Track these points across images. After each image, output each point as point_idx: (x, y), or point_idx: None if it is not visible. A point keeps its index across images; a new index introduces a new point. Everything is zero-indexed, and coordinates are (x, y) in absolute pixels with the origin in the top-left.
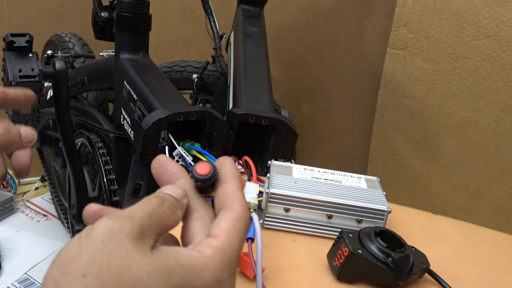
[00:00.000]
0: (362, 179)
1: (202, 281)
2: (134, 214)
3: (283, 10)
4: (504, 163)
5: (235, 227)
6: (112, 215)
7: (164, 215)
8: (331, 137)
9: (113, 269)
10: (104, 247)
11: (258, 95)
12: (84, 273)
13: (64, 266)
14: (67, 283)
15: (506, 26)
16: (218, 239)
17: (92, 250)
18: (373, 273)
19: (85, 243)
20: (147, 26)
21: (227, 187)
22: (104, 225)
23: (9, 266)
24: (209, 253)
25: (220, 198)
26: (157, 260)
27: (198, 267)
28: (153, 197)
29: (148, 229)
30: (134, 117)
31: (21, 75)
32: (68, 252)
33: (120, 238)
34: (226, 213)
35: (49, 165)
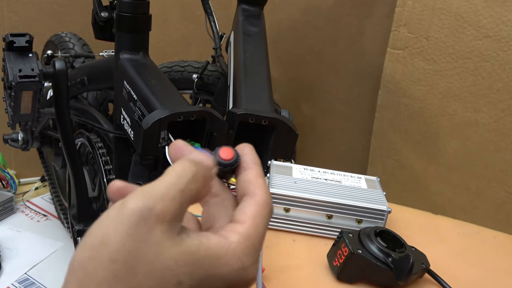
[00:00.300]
0: (362, 179)
1: (230, 268)
2: (165, 192)
3: (283, 10)
4: (504, 163)
5: (259, 213)
6: (142, 193)
7: (197, 189)
8: (331, 137)
9: (143, 257)
10: (133, 232)
11: (258, 95)
12: (113, 260)
13: (92, 249)
14: (96, 268)
15: (506, 26)
16: (243, 225)
17: (121, 236)
18: (373, 273)
19: (114, 225)
20: (147, 26)
21: (249, 173)
22: (134, 206)
23: (9, 266)
24: (236, 239)
25: (243, 185)
26: (186, 248)
27: (227, 256)
28: (188, 166)
29: (179, 209)
30: (134, 117)
31: (21, 75)
32: (96, 234)
33: (150, 223)
34: (250, 200)
35: (49, 165)
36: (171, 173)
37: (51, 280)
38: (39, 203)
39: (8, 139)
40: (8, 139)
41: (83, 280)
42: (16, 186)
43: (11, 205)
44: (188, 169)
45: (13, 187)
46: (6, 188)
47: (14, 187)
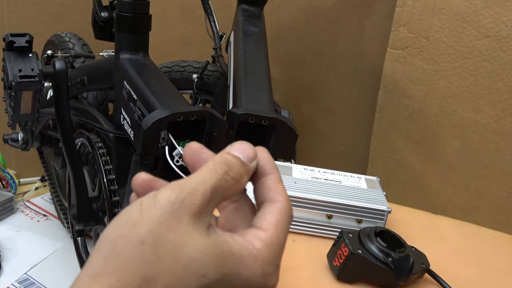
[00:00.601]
0: (362, 179)
1: (251, 273)
2: (197, 187)
3: (283, 10)
4: (504, 163)
5: (280, 220)
6: (176, 186)
7: (226, 187)
8: (331, 137)
9: (169, 244)
10: (163, 220)
11: (258, 95)
12: (142, 241)
13: (123, 229)
14: (124, 246)
15: (506, 26)
16: (266, 232)
17: (152, 221)
18: (373, 273)
19: (146, 211)
20: (147, 26)
21: (268, 179)
22: (167, 196)
23: (9, 266)
24: (259, 246)
25: (262, 191)
26: (213, 242)
27: (248, 259)
28: (219, 164)
29: (208, 204)
30: (134, 117)
31: (21, 75)
32: (130, 216)
33: (180, 213)
34: (271, 206)
35: (49, 165)
36: (205, 169)
37: (51, 280)
38: (39, 203)
39: (8, 139)
40: (8, 139)
41: (110, 256)
42: (16, 186)
43: (11, 205)
44: (219, 167)
45: (13, 187)
46: (6, 188)
47: (14, 187)
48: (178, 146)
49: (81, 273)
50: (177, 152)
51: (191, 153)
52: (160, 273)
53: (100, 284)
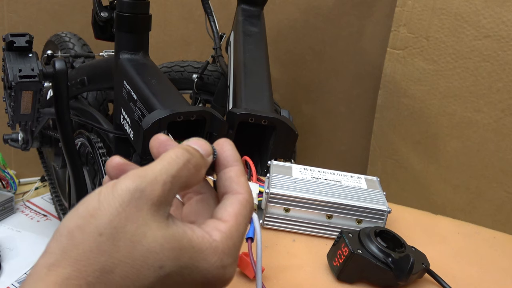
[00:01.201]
0: (362, 179)
1: (209, 265)
2: (157, 176)
3: (283, 10)
4: (504, 163)
5: (241, 212)
6: (135, 176)
7: (187, 176)
8: (331, 137)
9: (128, 235)
10: (122, 210)
11: (258, 95)
12: (100, 232)
13: (81, 219)
14: (82, 237)
15: (506, 26)
16: (226, 223)
17: (111, 212)
18: (373, 273)
19: (105, 201)
20: (147, 26)
21: (230, 171)
22: (125, 186)
23: (9, 266)
24: (218, 238)
25: (224, 183)
26: (172, 234)
27: (207, 251)
28: (181, 153)
29: (168, 194)
30: (134, 117)
31: (21, 75)
32: (88, 207)
33: (140, 203)
34: (232, 198)
35: (49, 165)
36: (165, 158)
37: None
38: (39, 203)
39: (8, 139)
40: (8, 139)
41: (67, 247)
42: (16, 186)
43: (11, 205)
44: (181, 156)
45: (13, 187)
46: (6, 188)
47: (14, 187)
48: None
49: (38, 262)
50: None
51: (158, 144)
52: (118, 264)
53: (57, 274)
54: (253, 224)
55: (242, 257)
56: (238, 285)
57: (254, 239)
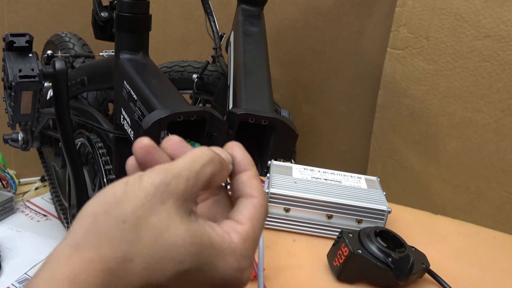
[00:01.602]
0: (362, 179)
1: (227, 266)
2: (182, 172)
3: (283, 10)
4: (504, 163)
5: (255, 215)
6: (161, 170)
7: (211, 173)
8: (331, 137)
9: (151, 227)
10: (147, 202)
11: (258, 95)
12: (124, 220)
13: (107, 205)
14: (106, 222)
15: (506, 26)
16: (243, 226)
17: (135, 202)
18: (373, 273)
19: (131, 191)
20: (147, 26)
21: (244, 175)
22: (151, 179)
23: (9, 266)
24: (236, 240)
25: (238, 186)
26: (194, 230)
27: (226, 251)
28: (204, 153)
29: (192, 190)
30: (134, 117)
31: (21, 75)
32: (115, 194)
33: (164, 196)
34: (246, 201)
35: (49, 165)
36: (190, 155)
37: None
38: (39, 203)
39: (8, 139)
40: (8, 139)
41: (90, 228)
42: (16, 186)
43: (11, 205)
44: (207, 153)
45: (13, 187)
46: (6, 188)
47: (14, 187)
48: None
49: (63, 242)
50: None
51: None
52: (139, 254)
53: (82, 256)
54: None
55: None
56: None
57: None
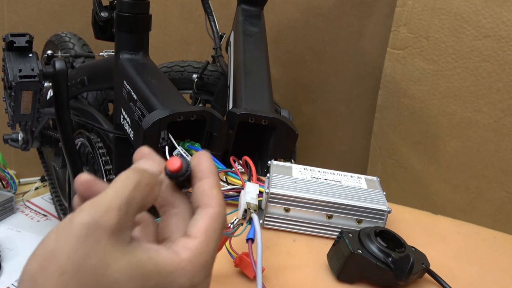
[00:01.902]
0: (362, 179)
1: (178, 286)
2: (111, 203)
3: (283, 10)
4: (504, 163)
5: (211, 226)
6: (89, 207)
7: (141, 197)
8: (331, 137)
9: (91, 269)
10: (80, 245)
11: (258, 95)
12: (62, 271)
13: (42, 261)
14: (44, 279)
15: (506, 26)
16: (195, 240)
17: (69, 249)
18: (373, 273)
19: (62, 238)
20: (147, 26)
21: (204, 184)
22: (80, 220)
23: (9, 266)
24: (186, 256)
25: (197, 196)
26: (136, 262)
27: (175, 274)
28: (130, 177)
29: (126, 218)
30: (134, 117)
31: (21, 75)
32: (46, 247)
33: (97, 236)
34: (203, 212)
35: (49, 165)
36: (115, 183)
37: None
38: (39, 203)
39: (8, 139)
40: (8, 139)
41: None
42: (16, 186)
43: (11, 205)
44: (131, 177)
45: (13, 187)
46: (6, 188)
47: (14, 187)
48: (178, 146)
49: None
50: (177, 152)
51: (84, 186)
52: None
53: None
54: (253, 225)
55: (242, 257)
56: (238, 285)
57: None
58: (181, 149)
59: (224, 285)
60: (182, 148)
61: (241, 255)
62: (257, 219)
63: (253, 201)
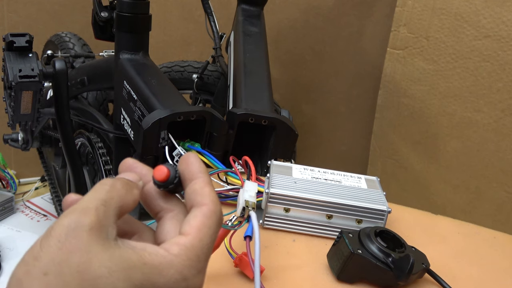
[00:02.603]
0: (362, 179)
1: (165, 280)
2: (88, 205)
3: (283, 10)
4: (504, 163)
5: (205, 223)
6: (68, 211)
7: (119, 196)
8: (331, 137)
9: (74, 266)
10: (62, 245)
11: (258, 95)
12: (45, 272)
13: (26, 265)
14: (29, 281)
15: (506, 26)
16: (187, 236)
17: (52, 250)
18: (373, 273)
19: (45, 243)
20: (147, 26)
21: (195, 184)
22: (60, 223)
23: (9, 266)
24: (176, 251)
25: (190, 196)
26: (119, 255)
27: (162, 266)
28: (105, 182)
29: (106, 216)
30: (134, 117)
31: (21, 75)
32: (31, 253)
33: (77, 233)
34: (196, 210)
35: (49, 165)
36: (92, 189)
37: None
38: (39, 203)
39: (8, 139)
40: (8, 139)
41: None
42: (16, 186)
43: (11, 205)
44: (107, 182)
45: (13, 187)
46: (6, 188)
47: (14, 187)
48: (178, 146)
49: None
50: (177, 152)
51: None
52: None
53: None
54: (251, 222)
55: (242, 257)
56: (238, 285)
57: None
58: (181, 149)
59: (224, 285)
60: (182, 148)
61: (241, 255)
62: (255, 216)
63: (251, 199)
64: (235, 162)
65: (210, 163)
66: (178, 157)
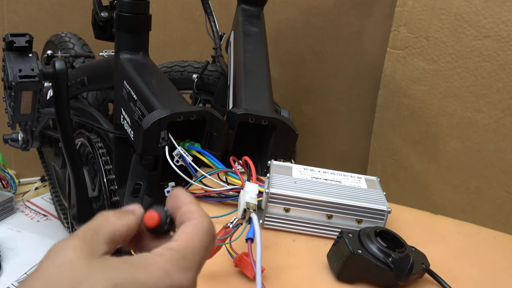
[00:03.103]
0: (362, 179)
1: (148, 275)
2: (78, 232)
3: (283, 10)
4: (504, 163)
5: (193, 232)
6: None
7: (109, 222)
8: (331, 137)
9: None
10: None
11: (258, 95)
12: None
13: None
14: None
15: (506, 26)
16: (175, 242)
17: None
18: (373, 273)
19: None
20: (147, 26)
21: (184, 207)
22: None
23: (9, 266)
24: (160, 252)
25: (180, 218)
26: (103, 262)
27: (145, 263)
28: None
29: (92, 239)
30: (134, 117)
31: (21, 75)
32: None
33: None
34: (185, 224)
35: (49, 165)
36: None
37: None
38: (39, 203)
39: (8, 139)
40: (8, 139)
41: None
42: (16, 186)
43: (11, 205)
44: (101, 213)
45: (13, 187)
46: (6, 188)
47: (14, 187)
48: (178, 146)
49: None
50: (177, 152)
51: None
52: None
53: None
54: (252, 224)
55: (242, 257)
56: (238, 285)
57: (254, 240)
58: (181, 149)
59: (224, 285)
60: (182, 148)
61: (241, 255)
62: (257, 218)
63: (252, 200)
64: (235, 162)
65: (210, 163)
66: (178, 157)
